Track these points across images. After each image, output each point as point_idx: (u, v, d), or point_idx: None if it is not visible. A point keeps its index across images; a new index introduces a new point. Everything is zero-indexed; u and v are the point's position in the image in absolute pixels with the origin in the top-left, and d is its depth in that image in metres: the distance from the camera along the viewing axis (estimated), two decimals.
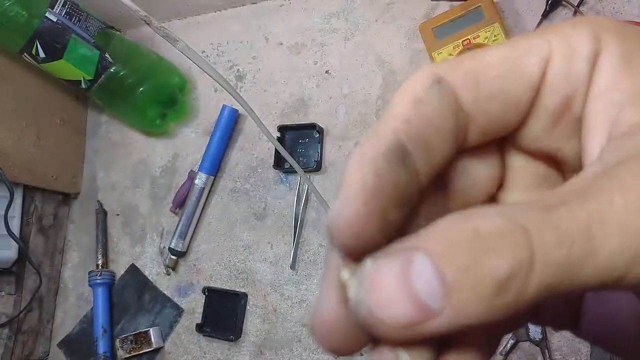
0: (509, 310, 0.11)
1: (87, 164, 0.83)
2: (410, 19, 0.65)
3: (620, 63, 0.13)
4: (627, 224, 0.11)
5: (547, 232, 0.11)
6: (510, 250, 0.11)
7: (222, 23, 0.77)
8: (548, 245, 0.11)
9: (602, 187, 0.11)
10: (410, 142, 0.13)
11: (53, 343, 0.78)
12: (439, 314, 0.11)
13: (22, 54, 0.66)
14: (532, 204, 0.11)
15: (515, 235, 0.11)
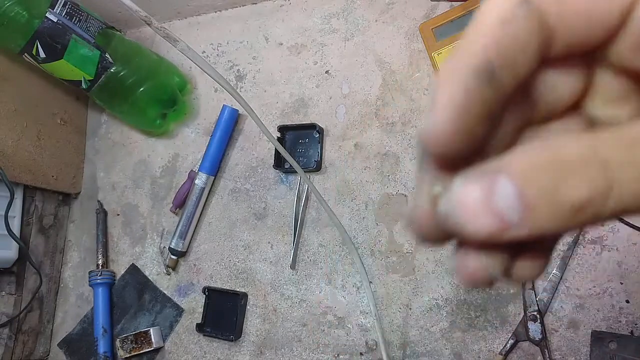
0: (581, 226, 0.13)
1: (87, 164, 0.83)
2: (410, 20, 0.65)
3: None
4: None
5: (628, 168, 0.12)
6: (591, 180, 0.12)
7: (222, 23, 0.77)
8: (627, 179, 0.12)
9: None
10: (498, 61, 0.13)
11: (53, 343, 0.78)
12: (519, 226, 0.12)
13: (22, 54, 0.66)
14: (616, 137, 0.12)
15: (597, 165, 0.12)
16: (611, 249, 0.52)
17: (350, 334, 0.61)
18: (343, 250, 0.63)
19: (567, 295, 0.53)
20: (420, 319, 0.58)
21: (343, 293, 0.63)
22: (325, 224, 0.65)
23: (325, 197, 0.64)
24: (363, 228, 0.63)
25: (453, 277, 0.58)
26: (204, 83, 0.76)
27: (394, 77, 0.65)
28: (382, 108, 0.65)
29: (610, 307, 0.51)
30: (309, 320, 0.63)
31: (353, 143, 0.66)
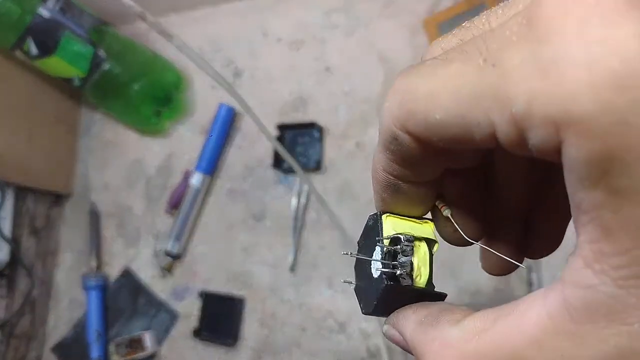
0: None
1: (80, 164, 0.81)
2: (412, 14, 0.64)
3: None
4: None
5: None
6: None
7: (219, 18, 0.76)
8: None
9: None
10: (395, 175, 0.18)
11: (46, 347, 0.76)
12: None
13: (14, 50, 0.65)
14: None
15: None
16: None
17: (351, 339, 0.60)
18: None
19: None
20: None
21: (344, 297, 0.61)
22: (326, 225, 0.63)
23: (326, 198, 0.63)
24: None
25: (456, 280, 0.57)
26: (200, 80, 0.75)
27: (396, 74, 0.64)
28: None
29: None
30: (309, 325, 0.62)
31: (354, 142, 0.64)
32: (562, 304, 0.14)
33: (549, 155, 0.13)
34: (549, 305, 0.14)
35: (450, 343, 0.16)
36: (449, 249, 0.59)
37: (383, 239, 0.19)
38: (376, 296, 0.19)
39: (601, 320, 0.13)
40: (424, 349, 0.17)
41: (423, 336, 0.18)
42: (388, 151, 0.17)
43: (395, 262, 0.19)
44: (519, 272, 0.54)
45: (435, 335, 0.17)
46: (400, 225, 0.19)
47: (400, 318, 0.20)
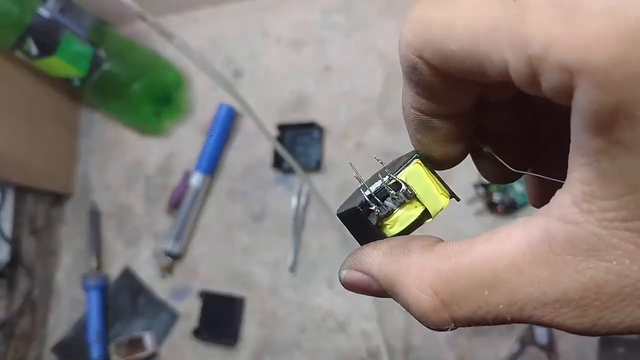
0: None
1: (80, 164, 0.82)
2: None
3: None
4: None
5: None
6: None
7: (219, 18, 0.76)
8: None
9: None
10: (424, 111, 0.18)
11: (46, 348, 0.76)
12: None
13: (14, 50, 0.65)
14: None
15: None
16: None
17: (351, 339, 0.60)
18: (344, 253, 0.62)
19: None
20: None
21: (344, 297, 0.61)
22: (326, 225, 0.63)
23: (326, 198, 0.63)
24: None
25: None
26: (200, 80, 0.75)
27: (396, 73, 0.64)
28: (384, 106, 0.64)
29: None
30: (309, 325, 0.62)
31: (354, 142, 0.64)
32: (543, 235, 0.14)
33: (560, 98, 0.13)
34: (529, 234, 0.15)
35: (428, 266, 0.16)
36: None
37: (390, 176, 0.19)
38: (345, 210, 0.19)
39: (580, 255, 0.14)
40: (399, 279, 0.17)
41: (395, 266, 0.17)
42: (412, 83, 0.17)
43: (379, 200, 0.18)
44: None
45: (409, 262, 0.17)
46: (418, 179, 0.19)
47: (362, 255, 0.19)
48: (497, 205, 0.54)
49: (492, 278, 0.15)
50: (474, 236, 0.16)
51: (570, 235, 0.14)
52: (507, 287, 0.15)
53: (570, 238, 0.14)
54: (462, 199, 0.57)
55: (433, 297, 0.16)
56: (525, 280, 0.15)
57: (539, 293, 0.14)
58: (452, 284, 0.16)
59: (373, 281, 0.18)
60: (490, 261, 0.15)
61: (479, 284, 0.15)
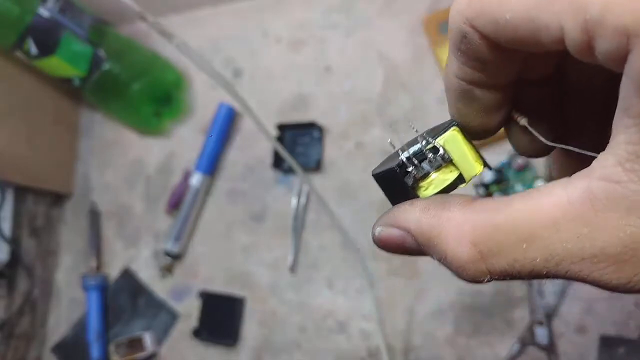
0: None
1: (80, 164, 0.81)
2: (412, 14, 0.64)
3: None
4: None
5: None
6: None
7: (219, 18, 0.76)
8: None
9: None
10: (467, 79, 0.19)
11: (46, 348, 0.77)
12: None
13: (13, 50, 0.65)
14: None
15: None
16: None
17: (351, 339, 0.60)
18: (344, 253, 0.62)
19: (574, 299, 0.52)
20: (423, 323, 0.57)
21: (344, 297, 0.61)
22: (326, 225, 0.63)
23: (326, 198, 0.63)
24: (365, 230, 0.61)
25: (457, 280, 0.57)
26: (200, 80, 0.75)
27: (397, 73, 0.64)
28: (384, 106, 0.64)
29: (619, 311, 0.50)
30: (309, 325, 0.62)
31: (354, 142, 0.64)
32: (584, 193, 0.15)
33: (614, 64, 0.14)
34: (569, 192, 0.15)
35: (467, 220, 0.17)
36: None
37: (429, 140, 0.20)
38: (382, 170, 0.21)
39: (622, 212, 0.14)
40: (437, 232, 0.18)
41: (434, 220, 0.18)
42: (459, 52, 0.17)
43: (417, 162, 0.20)
44: None
45: (449, 216, 0.17)
46: (455, 145, 0.20)
47: (399, 212, 0.20)
48: None
49: (530, 233, 0.16)
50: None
51: (613, 193, 0.14)
52: (544, 243, 0.15)
53: (613, 196, 0.14)
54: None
55: (471, 249, 0.17)
56: (563, 235, 0.15)
57: (576, 248, 0.15)
58: (491, 237, 0.16)
59: (408, 237, 0.19)
60: (529, 217, 0.16)
61: (517, 238, 0.16)
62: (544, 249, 0.15)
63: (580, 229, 0.15)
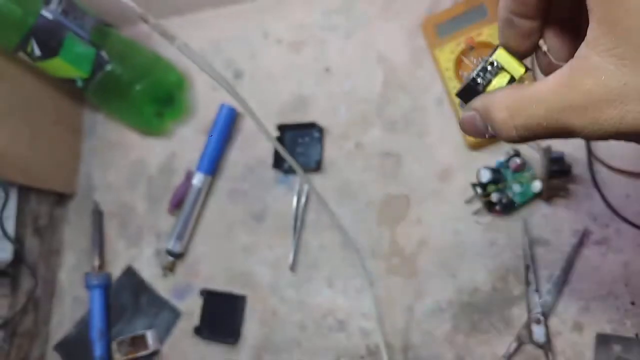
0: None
1: (83, 164, 0.82)
2: (412, 15, 0.64)
3: None
4: None
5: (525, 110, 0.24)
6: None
7: (220, 20, 0.77)
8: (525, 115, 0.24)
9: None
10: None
11: (49, 346, 0.77)
12: (488, 131, 0.27)
13: (17, 52, 0.65)
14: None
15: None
16: (616, 251, 0.52)
17: (351, 337, 0.60)
18: (344, 252, 0.63)
19: (571, 298, 0.52)
20: (422, 322, 0.58)
21: (344, 296, 0.62)
22: (326, 225, 0.64)
23: (326, 198, 0.63)
24: (364, 229, 0.62)
25: (456, 279, 0.57)
26: (201, 81, 0.76)
27: (395, 74, 0.64)
28: (384, 106, 0.64)
29: (615, 310, 0.51)
30: (309, 324, 0.63)
31: (354, 142, 0.65)
32: (566, 69, 0.23)
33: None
34: (559, 72, 0.23)
35: (505, 95, 0.25)
36: (449, 250, 0.60)
37: (488, 58, 0.27)
38: (462, 88, 0.28)
39: (586, 76, 0.22)
40: (490, 105, 0.25)
41: (488, 99, 0.26)
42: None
43: (482, 73, 0.27)
44: (517, 272, 0.55)
45: (496, 95, 0.25)
46: (504, 58, 0.27)
47: (472, 101, 0.27)
48: (495, 204, 0.55)
49: (537, 98, 0.23)
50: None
51: (582, 63, 0.22)
52: (545, 104, 0.23)
53: (582, 66, 0.22)
54: (460, 199, 0.58)
55: (504, 111, 0.24)
56: (556, 97, 0.22)
57: (561, 102, 0.22)
58: (516, 102, 0.24)
59: (477, 115, 0.26)
60: (537, 88, 0.23)
61: (529, 102, 0.23)
62: (545, 108, 0.23)
63: (564, 90, 0.22)
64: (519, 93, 0.24)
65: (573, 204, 0.54)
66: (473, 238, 0.57)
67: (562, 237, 0.54)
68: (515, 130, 0.24)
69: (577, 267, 0.53)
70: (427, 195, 0.60)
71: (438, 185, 0.60)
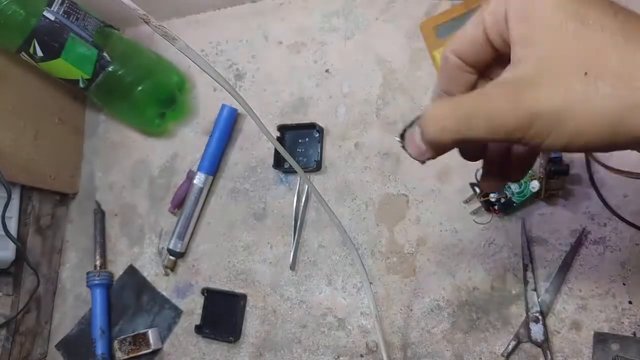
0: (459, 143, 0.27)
1: (85, 164, 0.83)
2: (410, 18, 0.65)
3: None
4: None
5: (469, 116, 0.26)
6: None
7: (221, 22, 0.77)
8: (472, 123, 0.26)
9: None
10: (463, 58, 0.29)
11: (51, 344, 0.77)
12: (427, 150, 0.29)
13: (19, 53, 0.66)
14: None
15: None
16: (614, 250, 0.52)
17: (350, 335, 0.61)
18: (343, 251, 0.63)
19: (569, 296, 0.53)
20: (421, 320, 0.58)
21: (343, 294, 0.62)
22: (325, 224, 0.64)
23: (326, 197, 0.63)
24: (363, 228, 0.62)
25: (454, 278, 0.57)
26: (202, 82, 0.76)
27: (394, 76, 0.65)
28: (382, 107, 0.65)
29: (613, 308, 0.51)
30: (309, 322, 0.63)
31: (353, 143, 0.65)
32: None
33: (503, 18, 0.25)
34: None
35: (441, 104, 0.27)
36: (448, 250, 0.60)
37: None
38: (404, 128, 0.30)
39: (501, 88, 0.25)
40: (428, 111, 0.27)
41: (448, 99, 0.28)
42: (441, 71, 0.30)
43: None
44: (515, 271, 0.55)
45: (435, 104, 0.28)
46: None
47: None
48: (493, 204, 0.55)
49: (460, 101, 0.26)
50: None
51: (501, 77, 0.25)
52: (464, 109, 0.25)
53: (502, 77, 0.25)
54: (458, 199, 0.58)
55: (438, 110, 0.26)
56: (479, 99, 0.25)
57: (484, 100, 0.25)
58: (444, 107, 0.26)
59: (417, 130, 0.28)
60: (464, 98, 0.26)
61: (454, 109, 0.26)
62: (465, 111, 0.25)
63: (486, 95, 0.25)
64: (448, 100, 0.27)
65: (571, 203, 0.54)
66: (471, 237, 0.58)
67: (560, 237, 0.54)
68: (442, 129, 0.26)
69: (575, 266, 0.53)
70: (426, 195, 0.61)
71: (437, 185, 0.60)
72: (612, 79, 0.21)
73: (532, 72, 0.23)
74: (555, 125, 0.23)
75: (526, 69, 0.24)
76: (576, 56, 0.22)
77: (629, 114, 0.21)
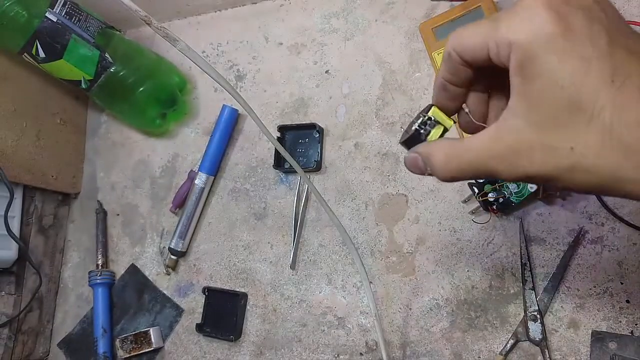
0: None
1: (87, 164, 0.83)
2: (410, 19, 0.65)
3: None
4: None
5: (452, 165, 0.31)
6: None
7: (222, 23, 0.78)
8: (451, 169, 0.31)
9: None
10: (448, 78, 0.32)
11: (53, 343, 0.78)
12: (427, 170, 0.33)
13: (22, 54, 0.66)
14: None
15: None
16: (612, 249, 0.52)
17: (350, 334, 0.61)
18: (343, 251, 0.63)
19: (567, 295, 0.53)
20: (420, 319, 0.58)
21: (343, 293, 0.62)
22: (325, 224, 0.65)
23: (325, 197, 0.64)
24: (363, 228, 0.63)
25: (453, 277, 0.58)
26: (203, 83, 0.77)
27: (394, 77, 0.65)
28: (382, 108, 0.65)
29: (610, 307, 0.51)
30: (309, 321, 0.63)
31: (353, 143, 0.65)
32: (489, 130, 0.29)
33: (506, 63, 0.27)
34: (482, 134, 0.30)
35: (442, 146, 0.31)
36: (447, 249, 0.60)
37: (425, 115, 0.34)
38: (406, 138, 0.34)
39: (505, 135, 0.28)
40: (430, 152, 0.32)
41: (430, 147, 0.32)
42: (445, 63, 0.31)
43: (423, 127, 0.34)
44: (513, 271, 0.55)
45: (436, 145, 0.32)
46: (438, 114, 0.34)
47: (416, 147, 0.33)
48: (492, 203, 0.55)
49: (469, 148, 0.29)
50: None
51: (504, 124, 0.28)
52: (476, 153, 0.29)
53: (504, 126, 0.28)
54: (457, 199, 0.58)
55: (443, 158, 0.31)
56: (485, 148, 0.29)
57: (489, 152, 0.28)
58: (453, 151, 0.30)
59: (419, 157, 0.32)
60: (470, 141, 0.29)
61: (463, 151, 0.29)
62: (477, 155, 0.29)
63: (491, 143, 0.28)
64: (455, 144, 0.30)
65: (569, 203, 0.55)
66: (470, 237, 0.58)
67: (558, 236, 0.54)
68: (449, 173, 0.30)
69: (573, 266, 0.53)
70: (425, 195, 0.61)
71: (436, 184, 0.61)
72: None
73: (527, 137, 0.27)
74: (545, 182, 0.28)
75: (519, 135, 0.27)
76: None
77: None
